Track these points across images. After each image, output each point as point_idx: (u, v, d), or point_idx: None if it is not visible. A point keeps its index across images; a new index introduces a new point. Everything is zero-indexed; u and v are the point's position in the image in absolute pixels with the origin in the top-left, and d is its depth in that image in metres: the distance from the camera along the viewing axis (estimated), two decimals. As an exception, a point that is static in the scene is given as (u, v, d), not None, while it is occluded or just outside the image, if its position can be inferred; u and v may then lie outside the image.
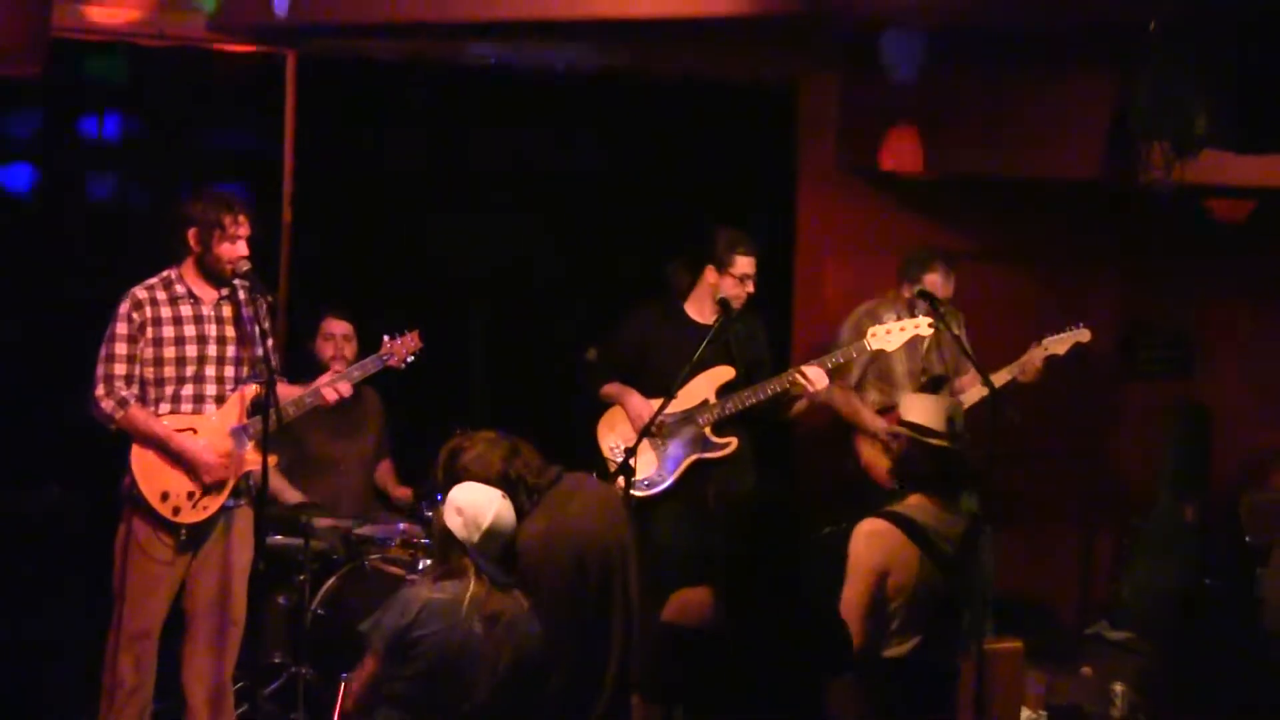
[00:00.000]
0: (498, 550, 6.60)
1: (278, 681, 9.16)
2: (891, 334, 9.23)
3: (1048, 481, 11.16)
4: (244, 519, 8.22)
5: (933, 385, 9.75)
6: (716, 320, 8.95)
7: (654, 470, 9.15)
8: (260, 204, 9.75)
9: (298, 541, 9.16)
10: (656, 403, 8.72)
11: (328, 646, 8.87)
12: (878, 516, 7.24)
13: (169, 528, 7.96)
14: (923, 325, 9.26)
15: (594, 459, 8.88)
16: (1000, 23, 9.22)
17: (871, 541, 7.16)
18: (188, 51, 9.90)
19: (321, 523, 9.33)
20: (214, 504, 8.05)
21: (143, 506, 7.92)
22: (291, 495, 9.51)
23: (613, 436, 9.19)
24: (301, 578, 9.12)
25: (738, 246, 9.17)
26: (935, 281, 9.69)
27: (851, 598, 7.11)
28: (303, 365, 9.43)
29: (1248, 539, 10.47)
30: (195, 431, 8.01)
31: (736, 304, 9.11)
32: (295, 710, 9.03)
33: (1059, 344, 9.85)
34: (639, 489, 8.75)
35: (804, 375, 9.06)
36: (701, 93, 11.08)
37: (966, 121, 10.60)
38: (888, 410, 9.72)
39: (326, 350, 9.68)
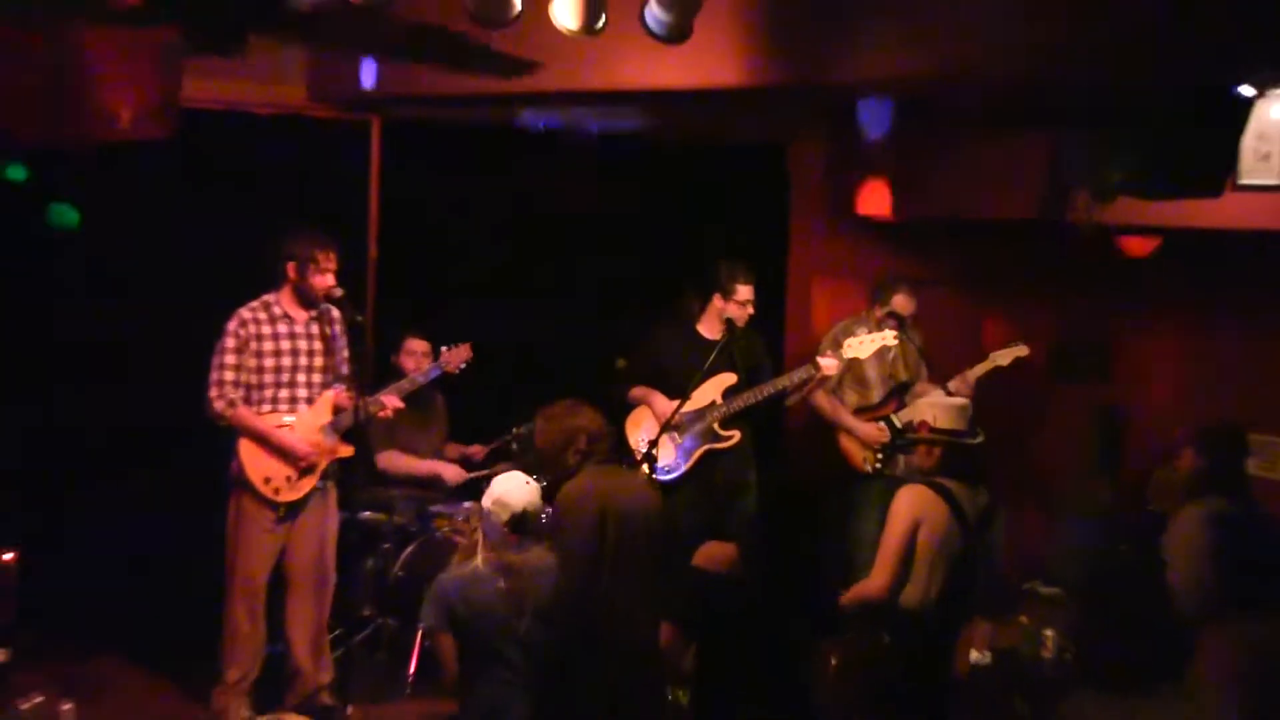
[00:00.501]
0: (514, 522, 6.86)
1: (367, 630, 9.17)
2: (864, 344, 9.25)
3: (993, 464, 11.00)
4: (330, 496, 8.36)
5: (899, 389, 9.72)
6: (723, 336, 9.05)
7: (672, 459, 9.12)
8: (351, 243, 9.84)
9: (382, 516, 9.24)
10: (679, 402, 8.79)
11: (407, 602, 8.76)
12: (917, 484, 7.22)
13: (270, 505, 8.09)
14: (889, 337, 9.30)
15: (622, 449, 8.74)
16: (954, 93, 9.05)
17: (912, 498, 7.13)
18: (292, 118, 9.87)
19: (402, 500, 9.33)
20: (306, 485, 8.17)
21: (249, 488, 8.05)
22: (421, 467, 9.60)
23: (639, 432, 9.14)
24: (385, 546, 9.18)
25: (738, 276, 9.19)
26: (901, 301, 9.71)
27: (889, 541, 7.10)
28: (386, 375, 9.32)
29: (1151, 507, 10.36)
30: (291, 427, 8.12)
31: (739, 323, 9.15)
32: (380, 651, 9.09)
33: (1003, 357, 9.86)
34: (660, 475, 8.73)
35: (820, 365, 9.10)
36: (711, 151, 11.01)
37: (928, 173, 10.49)
38: (863, 409, 9.79)
39: (409, 364, 9.57)
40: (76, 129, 7.46)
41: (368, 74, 7.83)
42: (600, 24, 6.69)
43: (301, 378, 8.20)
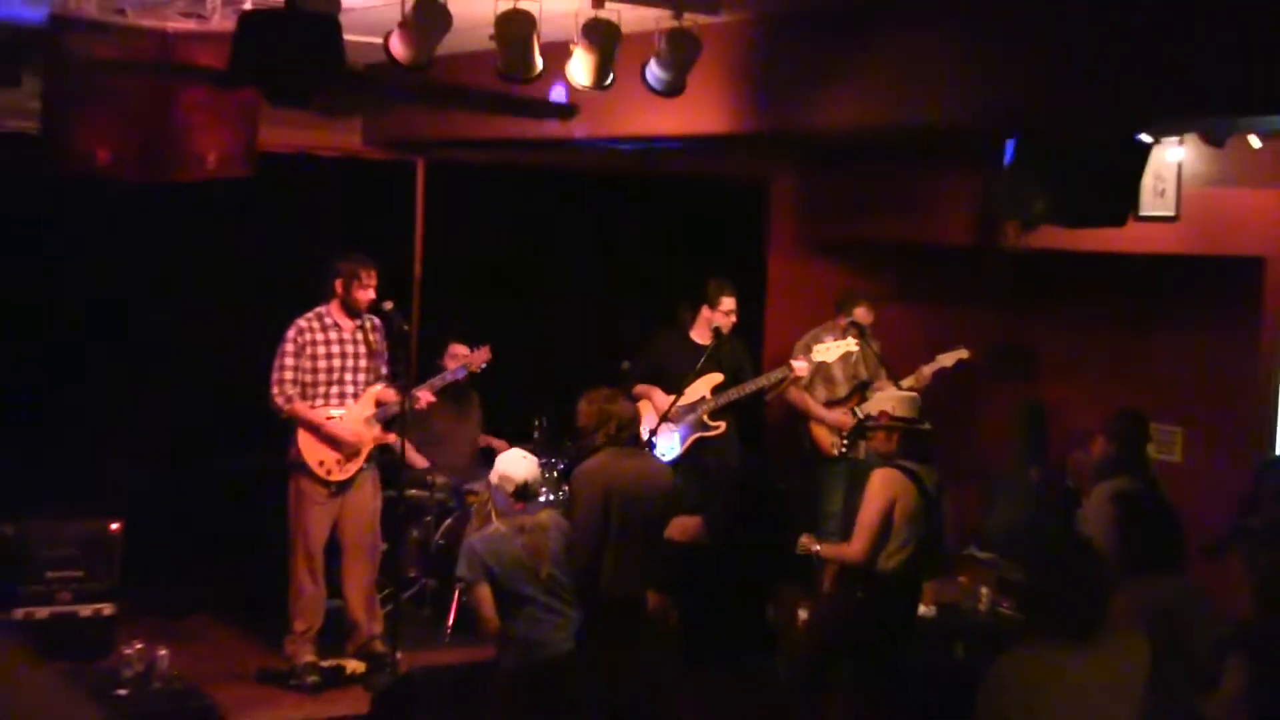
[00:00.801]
0: (519, 492, 6.90)
1: (413, 589, 9.28)
2: (830, 350, 9.37)
3: (940, 449, 11.07)
4: (374, 477, 8.48)
5: (861, 387, 9.74)
6: (712, 342, 9.11)
7: (669, 445, 9.18)
8: (399, 263, 9.90)
9: (425, 493, 9.31)
10: (675, 397, 8.87)
11: (446, 565, 8.84)
12: (888, 468, 7.31)
13: (323, 483, 8.19)
14: (851, 344, 9.40)
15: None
16: (907, 136, 9.17)
17: (886, 480, 7.22)
18: (349, 159, 9.96)
19: (440, 480, 9.39)
20: (354, 467, 8.27)
21: (305, 470, 8.15)
22: (419, 461, 9.45)
23: (642, 423, 9.00)
24: (428, 519, 9.27)
25: (723, 290, 9.30)
26: (861, 313, 9.79)
27: (868, 515, 7.19)
28: (430, 374, 9.37)
29: (1069, 484, 10.39)
30: (340, 419, 8.21)
31: (725, 330, 9.21)
32: (424, 607, 9.20)
33: (948, 358, 9.90)
34: (660, 458, 8.71)
35: (793, 366, 9.24)
36: (701, 188, 11.09)
37: (882, 205, 10.58)
38: (830, 402, 9.82)
39: (451, 365, 9.51)
40: (172, 168, 7.54)
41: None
42: (609, 81, 6.78)
43: (349, 377, 8.32)
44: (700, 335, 9.32)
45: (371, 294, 8.28)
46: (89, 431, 9.15)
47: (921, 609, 8.20)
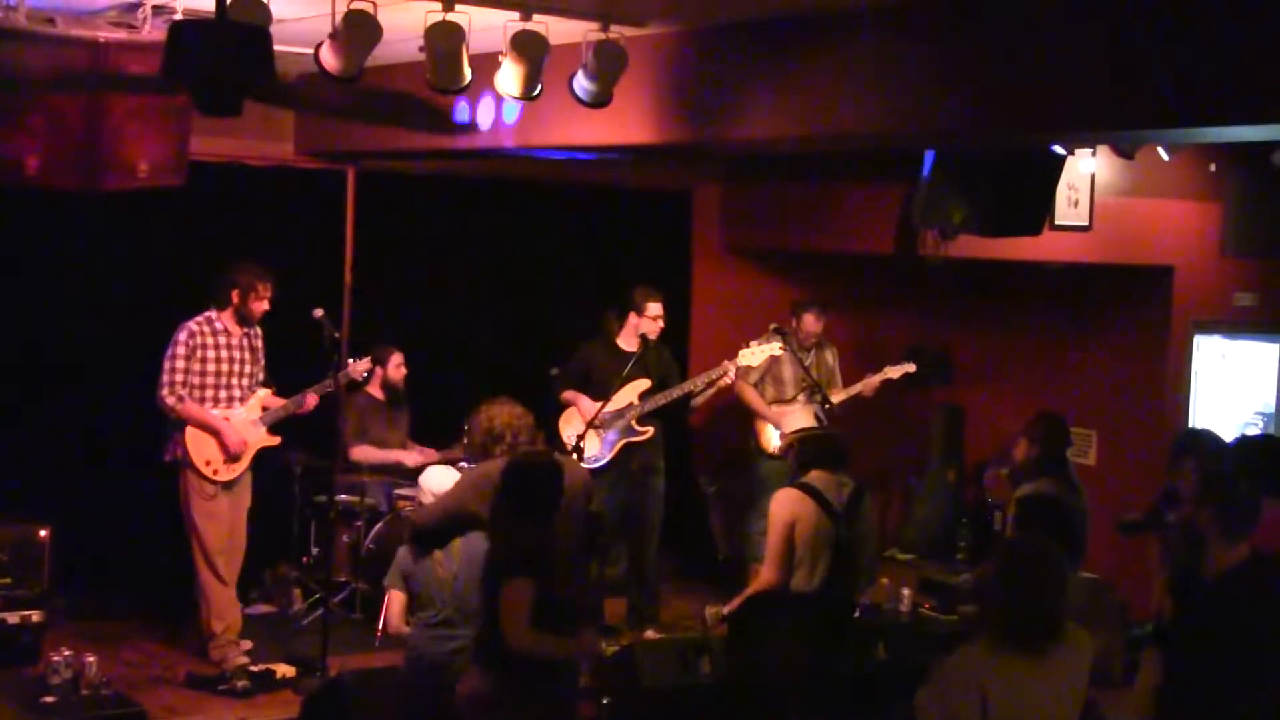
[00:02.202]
0: None
1: (343, 593, 9.18)
2: (754, 354, 9.32)
3: (858, 453, 11.10)
4: (249, 478, 8.47)
5: (810, 390, 9.62)
6: (639, 348, 9.07)
7: (597, 450, 9.12)
8: (329, 270, 9.77)
9: (356, 498, 9.21)
10: (602, 403, 8.87)
11: (376, 570, 8.75)
12: (789, 487, 7.26)
13: (210, 482, 8.19)
14: (775, 348, 9.35)
15: (555, 442, 8.72)
16: (828, 148, 9.17)
17: (784, 502, 7.15)
18: (280, 168, 9.84)
19: (372, 484, 9.30)
20: (239, 468, 8.34)
21: (192, 468, 8.14)
22: (399, 456, 9.59)
23: (570, 428, 9.11)
24: (359, 523, 9.17)
25: (649, 296, 9.24)
26: (809, 320, 9.82)
27: (772, 543, 7.12)
28: (359, 385, 9.58)
29: (988, 500, 10.47)
30: (228, 420, 8.23)
31: (652, 336, 9.16)
32: (355, 612, 9.14)
33: (895, 372, 9.92)
34: (587, 463, 8.64)
35: (725, 369, 9.18)
36: (627, 196, 11.05)
37: (803, 215, 10.58)
38: (778, 403, 9.78)
39: (397, 375, 9.69)
40: (103, 178, 7.43)
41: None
42: (537, 91, 6.75)
43: (235, 381, 8.39)
44: (627, 342, 9.26)
45: (266, 305, 8.39)
46: (15, 437, 8.99)
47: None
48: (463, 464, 8.65)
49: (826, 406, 8.90)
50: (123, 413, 9.06)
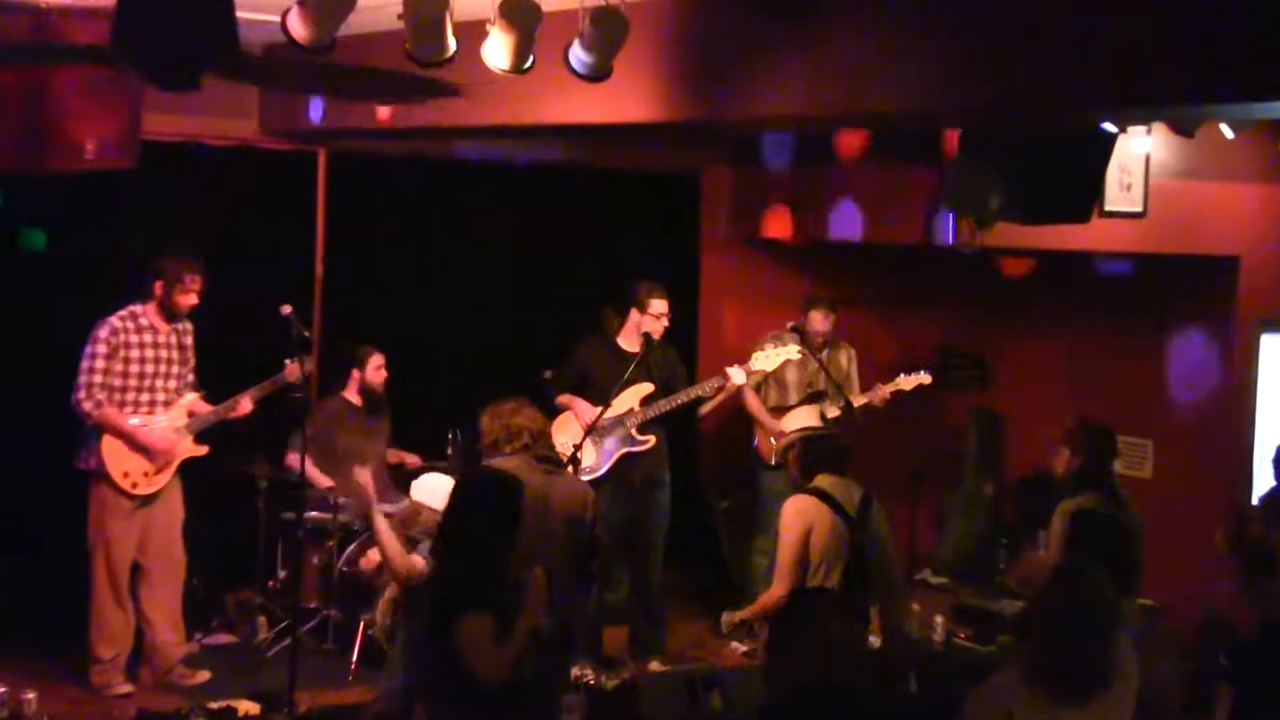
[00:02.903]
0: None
1: (313, 621, 9.17)
2: (769, 357, 9.40)
3: (884, 466, 11.11)
4: (178, 489, 8.48)
5: (814, 397, 9.74)
6: (641, 348, 9.09)
7: (594, 460, 9.15)
8: (298, 261, 9.80)
9: (328, 516, 9.18)
10: (601, 409, 8.83)
11: (350, 595, 8.93)
12: (800, 494, 7.30)
13: (128, 496, 8.21)
14: (792, 351, 9.43)
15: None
16: (852, 127, 9.20)
17: (799, 507, 7.21)
18: (244, 149, 9.83)
19: (345, 501, 9.24)
20: (161, 481, 8.35)
21: (108, 481, 8.15)
22: (322, 480, 9.34)
23: (563, 435, 9.08)
24: (331, 543, 9.14)
25: (653, 292, 9.25)
26: (815, 319, 9.83)
27: (784, 552, 7.17)
28: (334, 388, 9.66)
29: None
30: (150, 427, 8.26)
31: (656, 335, 9.19)
32: (326, 642, 9.10)
33: (907, 382, 9.87)
34: (583, 475, 8.66)
35: (728, 374, 9.17)
36: (628, 180, 11.08)
37: (825, 201, 10.60)
38: (779, 409, 9.76)
39: (376, 378, 9.65)
40: (46, 158, 7.46)
41: (315, 110, 7.87)
42: (528, 64, 6.75)
43: (160, 384, 8.40)
44: (629, 342, 9.29)
45: (194, 299, 8.40)
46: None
47: (871, 639, 8.22)
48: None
49: (844, 409, 8.95)
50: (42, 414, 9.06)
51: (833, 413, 9.40)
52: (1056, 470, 7.77)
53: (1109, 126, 8.21)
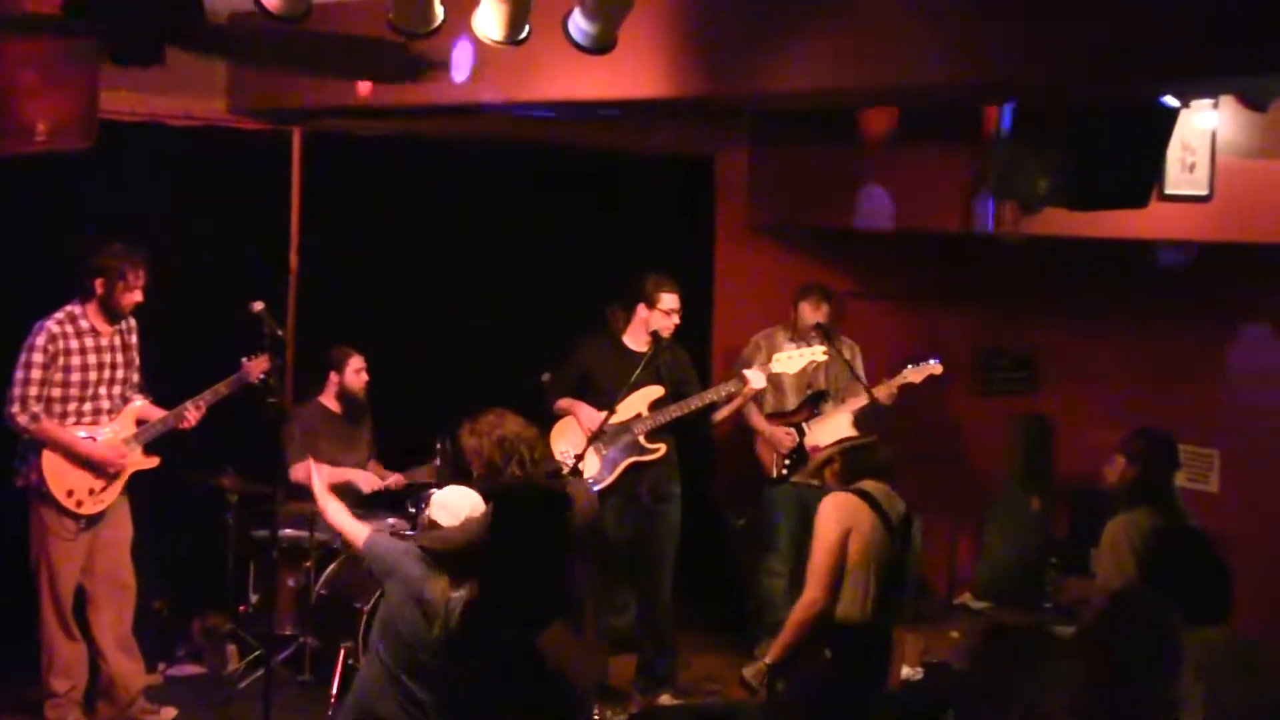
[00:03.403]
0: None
1: (289, 649, 9.17)
2: (792, 359, 9.34)
3: (919, 480, 11.07)
4: (125, 506, 8.45)
5: (814, 398, 9.75)
6: (649, 348, 9.04)
7: (597, 471, 9.13)
8: (273, 252, 9.79)
9: (304, 533, 9.14)
10: (606, 414, 8.81)
11: (330, 621, 8.88)
12: (842, 491, 7.28)
13: (72, 516, 8.18)
14: (818, 353, 9.39)
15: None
16: (879, 103, 9.16)
17: (839, 505, 7.18)
18: (211, 129, 9.80)
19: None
20: (109, 498, 8.34)
21: (50, 500, 8.13)
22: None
23: (563, 442, 9.12)
24: (308, 564, 9.14)
25: (663, 286, 9.23)
26: (805, 310, 9.87)
27: (820, 555, 7.13)
28: (310, 393, 9.64)
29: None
30: (94, 439, 8.22)
31: (665, 333, 9.16)
32: (303, 673, 9.09)
33: (915, 374, 9.82)
34: None
35: (745, 378, 9.14)
36: (635, 163, 11.07)
37: (852, 183, 10.57)
38: (777, 415, 9.90)
39: (356, 382, 9.65)
40: (-9, 141, 7.46)
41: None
42: (523, 35, 6.74)
43: (104, 390, 8.37)
44: (635, 340, 9.28)
45: (138, 295, 8.31)
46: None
47: (905, 670, 8.20)
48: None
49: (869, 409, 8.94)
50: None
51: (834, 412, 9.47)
52: (1109, 481, 7.72)
53: (1171, 100, 8.17)
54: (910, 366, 9.84)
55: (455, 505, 6.80)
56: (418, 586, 6.48)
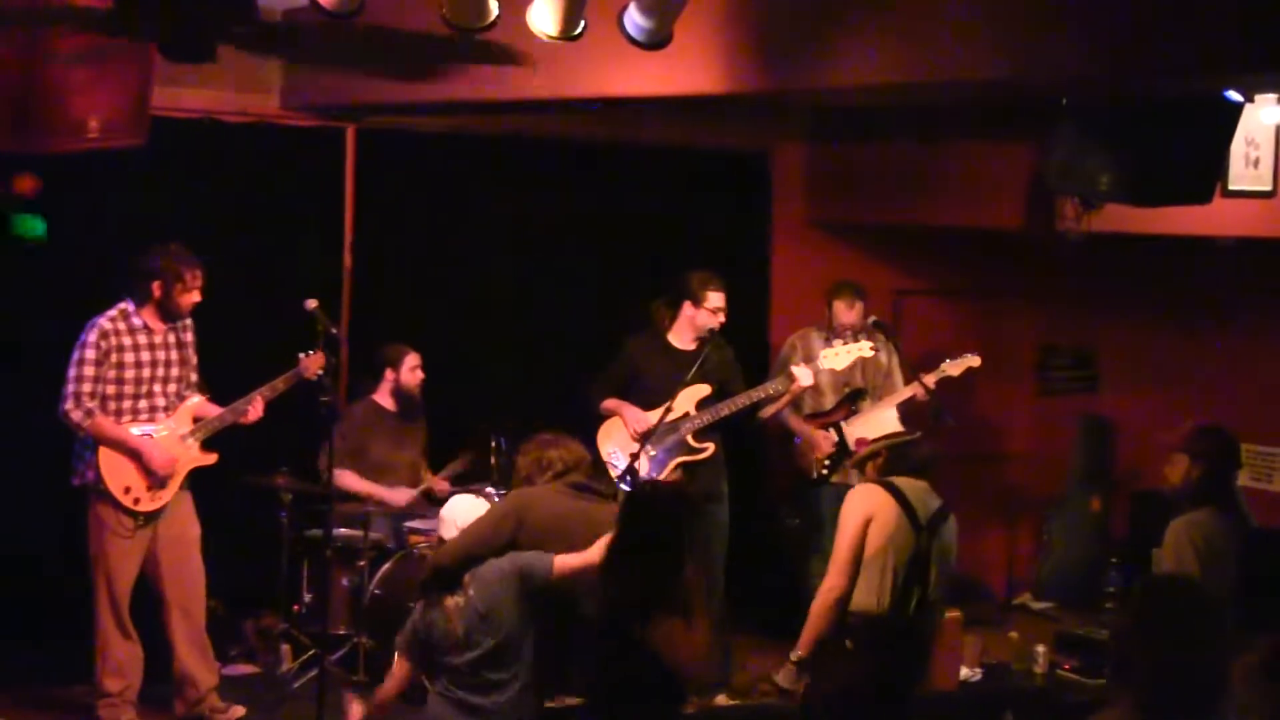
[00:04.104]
0: None
1: (343, 649, 9.14)
2: (839, 356, 9.30)
3: (978, 480, 11.07)
4: (188, 502, 8.44)
5: (852, 396, 9.70)
6: (702, 347, 9.09)
7: (644, 472, 9.03)
8: (325, 251, 9.77)
9: (358, 533, 9.17)
10: (650, 413, 8.85)
11: (383, 620, 8.83)
12: (866, 484, 7.38)
13: (129, 514, 8.17)
14: (865, 349, 9.35)
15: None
16: (937, 100, 9.12)
17: (862, 495, 7.28)
18: (265, 126, 9.83)
19: (377, 516, 9.30)
20: (167, 495, 8.29)
21: (108, 497, 8.11)
22: (380, 492, 9.45)
23: (610, 444, 9.11)
24: (361, 563, 9.11)
25: (709, 283, 9.23)
26: (840, 309, 9.79)
27: (841, 542, 7.21)
28: (363, 391, 9.63)
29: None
30: (151, 436, 8.20)
31: (713, 331, 9.18)
32: (357, 673, 9.03)
33: (954, 368, 9.72)
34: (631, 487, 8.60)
35: (794, 376, 9.14)
36: (691, 159, 11.06)
37: (911, 180, 10.53)
38: (815, 415, 9.84)
39: (412, 380, 9.64)
40: (46, 137, 7.47)
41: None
42: (579, 30, 6.73)
43: (159, 388, 8.35)
44: (680, 339, 9.28)
45: (196, 297, 8.32)
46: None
47: (964, 671, 8.16)
48: (489, 490, 8.70)
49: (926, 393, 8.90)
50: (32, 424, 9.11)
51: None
52: (1169, 480, 7.66)
53: (1234, 95, 8.12)
54: (948, 360, 9.75)
55: (463, 519, 6.90)
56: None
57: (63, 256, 9.12)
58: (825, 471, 9.72)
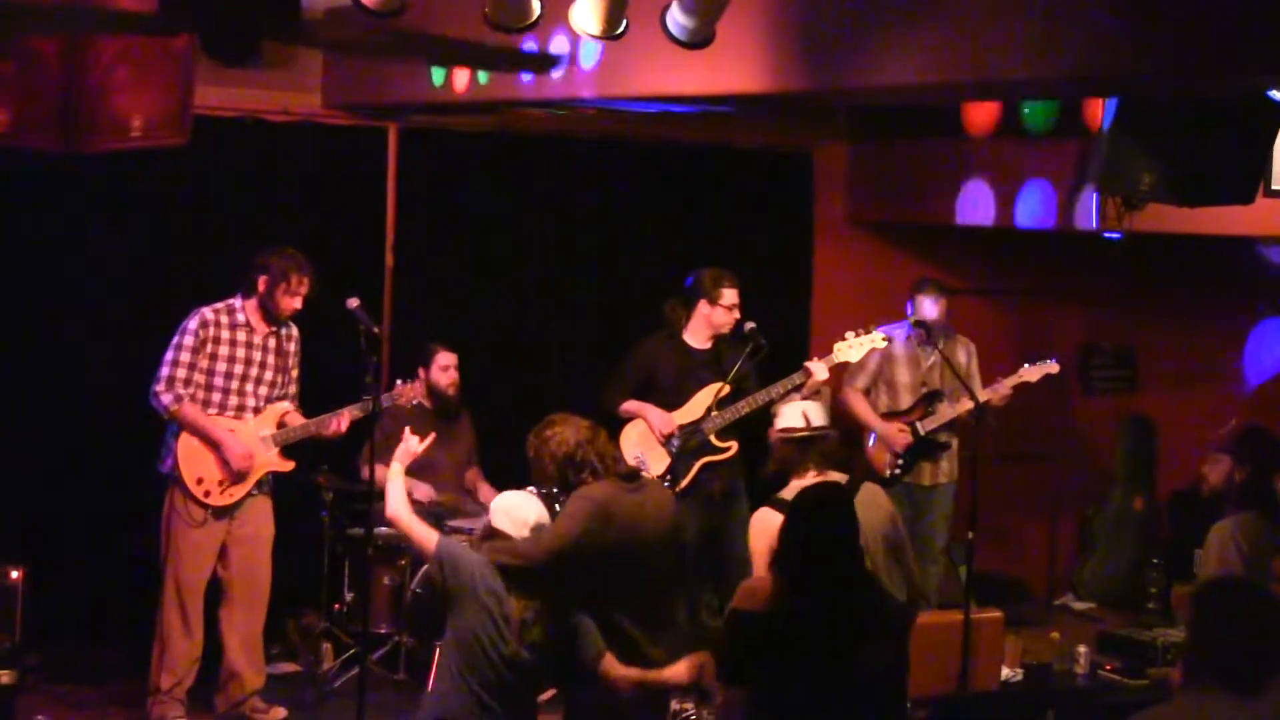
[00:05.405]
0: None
1: (384, 648, 9.23)
2: (852, 348, 9.29)
3: (1020, 480, 11.05)
4: (265, 505, 8.52)
5: (929, 398, 9.70)
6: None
7: (664, 472, 9.05)
8: (368, 248, 9.86)
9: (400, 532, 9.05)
10: (672, 414, 8.97)
11: (425, 619, 8.76)
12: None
13: (199, 504, 8.20)
14: (877, 339, 9.32)
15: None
16: (983, 98, 9.10)
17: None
18: (307, 125, 9.87)
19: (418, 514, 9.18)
20: (239, 493, 8.33)
21: (180, 484, 8.15)
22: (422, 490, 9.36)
23: (633, 446, 9.04)
24: (403, 562, 9.16)
25: (723, 281, 9.25)
26: (924, 303, 9.78)
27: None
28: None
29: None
30: (234, 431, 8.24)
31: (726, 330, 9.21)
32: (398, 672, 9.16)
33: (1032, 373, 9.76)
34: None
35: (809, 369, 9.05)
36: (732, 158, 11.10)
37: (952, 180, 10.50)
38: (891, 414, 9.82)
39: (441, 379, 9.60)
40: (89, 136, 7.49)
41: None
42: (621, 29, 6.71)
43: (250, 388, 8.40)
44: (696, 337, 9.29)
45: (298, 303, 8.39)
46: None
47: (1005, 671, 8.14)
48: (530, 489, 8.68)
49: (975, 412, 8.84)
50: (110, 421, 9.17)
51: (949, 413, 9.38)
52: (1209, 481, 7.64)
53: (1278, 94, 8.07)
54: (1027, 365, 9.78)
55: (519, 512, 6.79)
56: (498, 601, 6.49)
57: (102, 255, 9.21)
58: (898, 470, 9.70)
